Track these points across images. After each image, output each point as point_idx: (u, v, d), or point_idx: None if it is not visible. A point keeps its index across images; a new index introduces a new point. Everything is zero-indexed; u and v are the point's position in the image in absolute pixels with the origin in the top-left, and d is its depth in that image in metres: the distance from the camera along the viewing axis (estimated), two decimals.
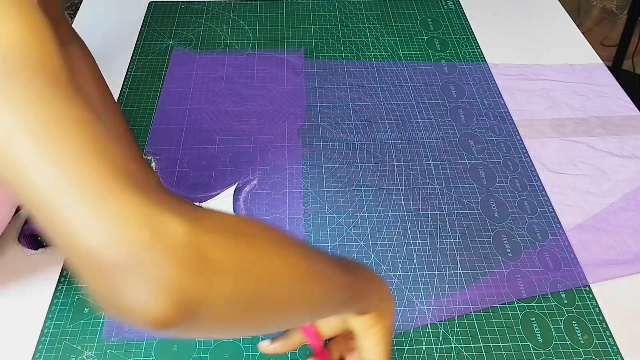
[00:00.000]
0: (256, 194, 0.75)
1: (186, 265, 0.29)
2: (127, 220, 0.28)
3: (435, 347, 0.60)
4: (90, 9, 1.08)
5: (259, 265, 0.33)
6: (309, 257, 0.39)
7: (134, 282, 0.28)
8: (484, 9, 1.09)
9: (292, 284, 0.36)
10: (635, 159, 0.81)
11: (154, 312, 0.28)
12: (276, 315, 0.37)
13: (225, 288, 0.31)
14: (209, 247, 0.30)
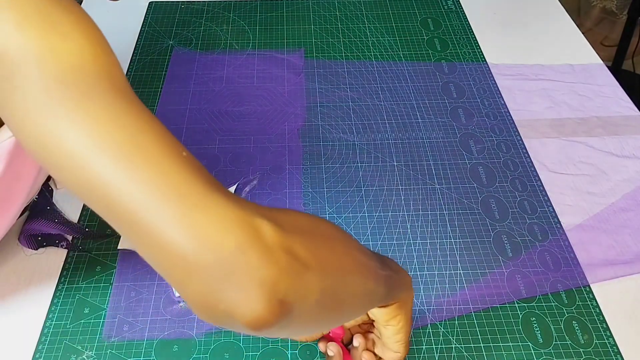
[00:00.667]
0: (256, 194, 0.75)
1: (281, 266, 0.30)
2: (223, 223, 0.29)
3: (435, 347, 0.60)
4: (90, 9, 1.07)
5: (335, 263, 0.35)
6: (364, 253, 0.40)
7: (233, 283, 0.29)
8: (484, 9, 1.09)
9: (357, 280, 0.38)
10: (635, 159, 0.81)
11: (254, 313, 0.29)
12: (343, 310, 0.38)
13: (314, 286, 0.32)
14: (297, 248, 0.31)
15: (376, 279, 0.41)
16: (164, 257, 0.30)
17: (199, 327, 0.61)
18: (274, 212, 0.33)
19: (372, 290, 0.41)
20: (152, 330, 0.61)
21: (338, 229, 0.39)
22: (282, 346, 0.60)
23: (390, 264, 0.47)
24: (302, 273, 0.31)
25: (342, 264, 0.36)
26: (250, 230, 0.29)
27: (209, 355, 0.59)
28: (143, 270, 0.65)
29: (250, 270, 0.29)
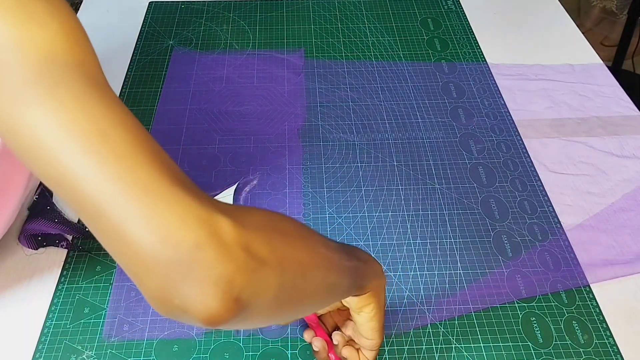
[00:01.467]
0: (256, 194, 0.75)
1: (238, 263, 0.30)
2: (182, 219, 0.29)
3: (435, 347, 0.60)
4: (90, 9, 1.08)
5: (295, 259, 0.35)
6: (327, 247, 0.41)
7: (190, 280, 0.29)
8: (484, 9, 1.09)
9: (318, 275, 0.38)
10: (635, 159, 0.81)
11: (209, 309, 0.29)
12: (303, 304, 0.39)
13: (271, 283, 0.32)
14: (255, 244, 0.31)
15: (339, 272, 0.42)
16: (124, 249, 0.30)
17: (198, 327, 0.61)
18: (234, 209, 0.33)
19: (335, 283, 0.42)
20: (152, 330, 0.61)
21: (300, 225, 0.39)
22: (282, 346, 0.60)
23: (358, 255, 0.47)
24: (259, 270, 0.31)
25: (302, 259, 0.36)
26: (209, 227, 0.30)
27: (209, 355, 0.59)
28: None
29: (207, 267, 0.29)
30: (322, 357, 0.55)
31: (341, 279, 0.43)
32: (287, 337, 0.61)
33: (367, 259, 0.49)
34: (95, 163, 0.30)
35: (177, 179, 0.31)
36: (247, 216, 0.33)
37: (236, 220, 0.31)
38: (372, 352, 0.53)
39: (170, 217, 0.29)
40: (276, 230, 0.35)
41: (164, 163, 0.32)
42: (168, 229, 0.29)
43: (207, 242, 0.29)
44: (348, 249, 0.46)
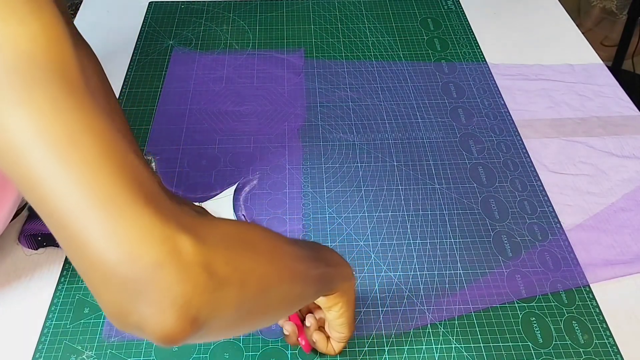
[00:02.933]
0: (256, 194, 0.75)
1: (197, 283, 0.30)
2: (143, 236, 0.29)
3: (435, 347, 0.60)
4: (90, 9, 1.08)
5: (258, 274, 0.35)
6: (295, 258, 0.41)
7: (147, 298, 0.29)
8: (484, 9, 1.09)
9: (281, 288, 0.38)
10: (635, 159, 0.81)
11: (165, 329, 0.29)
12: (267, 316, 0.39)
13: (231, 300, 0.32)
14: (216, 263, 0.31)
15: (305, 282, 0.42)
16: (84, 260, 0.30)
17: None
18: (199, 224, 0.32)
19: (300, 294, 0.42)
20: None
21: (269, 236, 0.39)
22: (282, 346, 0.60)
23: (328, 259, 0.48)
24: (219, 289, 0.31)
25: (265, 275, 0.36)
26: (170, 246, 0.29)
27: (209, 355, 0.59)
28: None
29: (165, 287, 0.29)
30: (292, 340, 0.57)
31: (307, 288, 0.43)
32: None
33: (336, 263, 0.50)
34: (62, 169, 0.29)
35: (144, 190, 0.31)
36: (211, 232, 0.33)
37: (198, 238, 0.31)
38: (341, 343, 0.56)
39: (131, 233, 0.29)
40: (241, 245, 0.34)
41: (133, 173, 0.31)
42: (128, 246, 0.29)
43: (166, 261, 0.29)
44: (317, 254, 0.46)
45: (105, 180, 0.30)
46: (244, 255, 0.34)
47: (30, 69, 0.31)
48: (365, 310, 0.63)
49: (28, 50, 0.31)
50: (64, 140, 0.30)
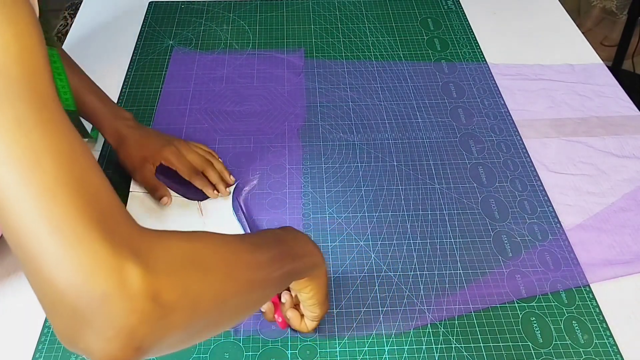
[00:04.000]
0: (256, 194, 0.75)
1: (142, 314, 0.31)
2: (91, 267, 0.30)
3: (435, 347, 0.60)
4: (90, 9, 1.08)
5: (210, 294, 0.35)
6: (255, 266, 0.41)
7: (93, 328, 0.30)
8: (484, 9, 1.09)
9: (239, 299, 0.39)
10: (635, 159, 0.81)
11: (108, 357, 0.31)
12: (226, 324, 0.40)
13: (179, 324, 0.33)
14: (164, 290, 0.32)
15: (265, 286, 0.43)
16: (38, 283, 0.31)
17: None
18: (150, 249, 0.33)
19: (261, 298, 0.44)
20: None
21: (224, 250, 0.39)
22: (282, 346, 0.60)
23: (295, 252, 0.49)
24: (165, 317, 0.32)
25: (219, 293, 0.36)
26: (118, 277, 0.30)
27: (209, 355, 0.59)
28: None
29: (110, 318, 0.30)
30: (269, 317, 0.59)
31: (269, 290, 0.44)
32: (287, 337, 0.61)
33: (305, 253, 0.50)
34: (21, 193, 0.30)
35: (100, 214, 0.31)
36: (162, 255, 0.33)
37: (147, 267, 0.31)
38: (314, 322, 0.58)
39: (81, 263, 0.30)
40: (193, 266, 0.35)
41: (91, 195, 0.32)
42: (77, 275, 0.30)
43: (113, 293, 0.30)
44: (283, 250, 0.47)
45: (62, 204, 0.30)
46: (195, 277, 0.34)
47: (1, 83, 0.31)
48: (365, 310, 0.63)
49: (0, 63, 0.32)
50: (25, 162, 0.31)
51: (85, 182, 0.32)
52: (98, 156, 0.79)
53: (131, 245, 0.32)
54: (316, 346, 0.60)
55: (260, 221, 0.72)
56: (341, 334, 0.61)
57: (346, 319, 0.62)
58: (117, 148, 0.74)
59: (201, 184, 0.72)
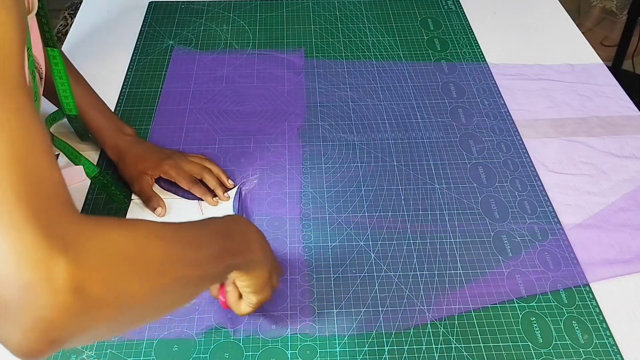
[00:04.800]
0: (256, 194, 0.75)
1: (64, 308, 0.31)
2: (19, 259, 0.30)
3: (435, 347, 0.60)
4: (90, 9, 1.08)
5: (139, 290, 0.35)
6: (190, 264, 0.41)
7: (12, 317, 0.30)
8: (484, 9, 1.09)
9: (171, 295, 0.39)
10: (635, 159, 0.81)
11: (23, 349, 0.31)
12: (153, 318, 0.41)
13: (100, 319, 0.33)
14: (90, 285, 0.32)
15: (200, 282, 0.43)
16: None
17: (198, 327, 0.61)
18: (86, 240, 0.33)
19: (194, 293, 0.44)
20: (152, 330, 0.61)
21: (161, 245, 0.39)
22: (282, 346, 0.60)
23: (236, 246, 0.49)
24: (87, 312, 0.32)
25: (151, 288, 0.36)
26: (44, 269, 0.30)
27: (209, 355, 0.59)
28: None
29: (30, 310, 0.30)
30: (214, 293, 0.59)
31: (204, 286, 0.45)
32: (287, 337, 0.61)
33: (245, 248, 0.51)
34: None
35: (36, 206, 0.31)
36: (94, 249, 0.33)
37: (75, 261, 0.31)
38: (248, 308, 0.56)
39: (9, 251, 0.30)
40: (126, 261, 0.35)
41: (32, 187, 0.32)
42: (4, 263, 0.30)
43: (37, 284, 0.30)
44: (225, 245, 0.47)
45: (2, 189, 0.31)
46: (126, 273, 0.34)
47: None
48: (365, 310, 0.63)
49: None
50: None
51: (33, 170, 0.32)
52: (98, 157, 0.79)
53: (65, 236, 0.32)
54: (316, 346, 0.60)
55: (261, 221, 0.72)
56: (341, 334, 0.61)
57: (346, 319, 0.62)
58: (117, 162, 0.76)
59: (200, 192, 0.73)
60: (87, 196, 0.74)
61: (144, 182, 0.72)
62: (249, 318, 0.62)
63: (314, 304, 0.64)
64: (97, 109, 0.77)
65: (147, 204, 0.72)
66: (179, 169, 0.73)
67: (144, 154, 0.74)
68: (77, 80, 0.76)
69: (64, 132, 0.81)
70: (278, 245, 0.69)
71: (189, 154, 0.77)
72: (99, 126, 0.76)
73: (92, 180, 0.75)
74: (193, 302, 0.63)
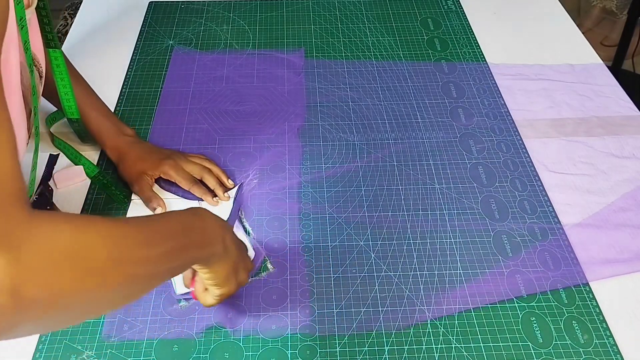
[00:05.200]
0: (256, 194, 0.75)
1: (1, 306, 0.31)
2: None
3: (435, 346, 0.60)
4: (90, 9, 1.08)
5: (80, 291, 0.35)
6: (139, 261, 0.41)
7: None
8: (484, 9, 1.09)
9: (117, 293, 0.39)
10: (635, 159, 0.81)
11: None
12: (95, 314, 0.42)
13: (33, 318, 0.33)
14: (25, 286, 0.32)
15: (150, 279, 0.43)
16: None
17: (198, 327, 0.61)
18: (31, 239, 0.33)
19: (144, 289, 0.44)
20: (152, 330, 0.61)
21: (113, 241, 0.38)
22: (282, 346, 0.60)
23: (196, 242, 0.49)
24: (21, 312, 0.32)
25: (93, 289, 0.36)
26: None
27: (209, 355, 0.59)
28: None
29: None
30: (186, 283, 0.60)
31: (155, 282, 0.44)
32: (287, 337, 0.61)
33: (206, 243, 0.51)
34: None
35: None
36: (37, 250, 0.33)
37: (15, 261, 0.31)
38: (213, 300, 0.57)
39: None
40: (69, 262, 0.34)
41: None
42: None
43: None
44: (181, 242, 0.47)
45: None
46: (67, 274, 0.34)
47: None
48: (365, 310, 0.63)
49: None
50: None
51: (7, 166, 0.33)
52: (98, 157, 0.79)
53: (10, 236, 0.32)
54: (316, 346, 0.60)
55: (260, 221, 0.72)
56: (341, 334, 0.61)
57: (346, 318, 0.62)
58: (117, 163, 0.76)
59: (200, 193, 0.73)
60: (87, 196, 0.74)
61: (143, 183, 0.72)
62: (248, 318, 0.62)
63: (314, 304, 0.64)
64: (97, 110, 0.77)
65: (147, 204, 0.72)
66: (179, 169, 0.73)
67: (143, 155, 0.74)
68: (77, 80, 0.76)
69: (64, 132, 0.81)
70: (278, 245, 0.69)
71: (189, 154, 0.77)
72: (99, 127, 0.76)
73: (92, 180, 0.75)
74: (193, 302, 0.63)
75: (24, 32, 0.52)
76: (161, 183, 0.74)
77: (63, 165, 0.77)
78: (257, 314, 0.62)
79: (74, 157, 0.77)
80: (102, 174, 0.75)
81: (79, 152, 0.78)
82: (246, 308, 0.63)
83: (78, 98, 0.73)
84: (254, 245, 0.68)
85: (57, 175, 0.75)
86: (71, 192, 0.74)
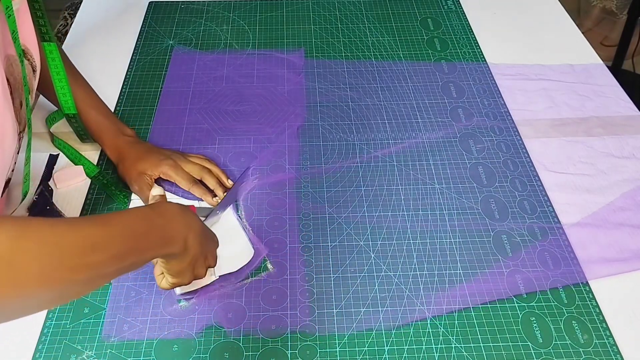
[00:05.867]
0: (256, 194, 0.75)
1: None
2: None
3: (435, 346, 0.60)
4: (90, 8, 1.08)
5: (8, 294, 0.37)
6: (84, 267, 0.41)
7: None
8: (484, 9, 1.09)
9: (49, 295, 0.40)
10: (634, 159, 0.81)
11: None
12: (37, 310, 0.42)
13: None
14: None
15: (90, 282, 0.43)
16: None
17: (198, 327, 0.61)
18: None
19: (83, 290, 0.45)
20: (152, 330, 0.61)
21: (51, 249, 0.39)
22: (282, 346, 0.60)
23: (152, 242, 0.49)
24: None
25: (22, 292, 0.37)
26: None
27: (209, 355, 0.59)
28: (143, 270, 0.65)
29: None
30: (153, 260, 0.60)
31: (99, 282, 0.45)
32: (287, 337, 0.61)
33: (165, 242, 0.51)
34: None
35: None
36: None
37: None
38: (167, 285, 0.58)
39: None
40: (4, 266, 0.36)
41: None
42: None
43: None
44: (131, 246, 0.47)
45: None
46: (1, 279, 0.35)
47: None
48: (365, 310, 0.63)
49: None
50: None
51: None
52: (98, 157, 0.79)
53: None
54: (316, 346, 0.60)
55: (260, 221, 0.72)
56: (341, 334, 0.61)
57: (346, 318, 0.62)
58: (117, 163, 0.76)
59: (200, 193, 0.73)
60: (87, 196, 0.74)
61: (142, 183, 0.72)
62: (248, 318, 0.62)
63: (314, 304, 0.64)
64: (97, 110, 0.77)
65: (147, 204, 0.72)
66: (179, 170, 0.73)
67: (143, 155, 0.74)
68: (77, 80, 0.76)
69: (64, 132, 0.81)
70: (278, 245, 0.69)
71: (189, 154, 0.77)
72: (99, 127, 0.76)
73: (92, 180, 0.75)
74: (192, 302, 0.63)
75: (11, 22, 0.52)
76: (161, 183, 0.74)
77: (63, 165, 0.77)
78: (257, 314, 0.62)
79: (74, 157, 0.77)
80: (102, 174, 0.76)
81: (79, 152, 0.78)
82: (246, 308, 0.63)
83: (78, 98, 0.73)
84: (255, 244, 0.68)
85: (57, 175, 0.75)
86: (71, 192, 0.74)
